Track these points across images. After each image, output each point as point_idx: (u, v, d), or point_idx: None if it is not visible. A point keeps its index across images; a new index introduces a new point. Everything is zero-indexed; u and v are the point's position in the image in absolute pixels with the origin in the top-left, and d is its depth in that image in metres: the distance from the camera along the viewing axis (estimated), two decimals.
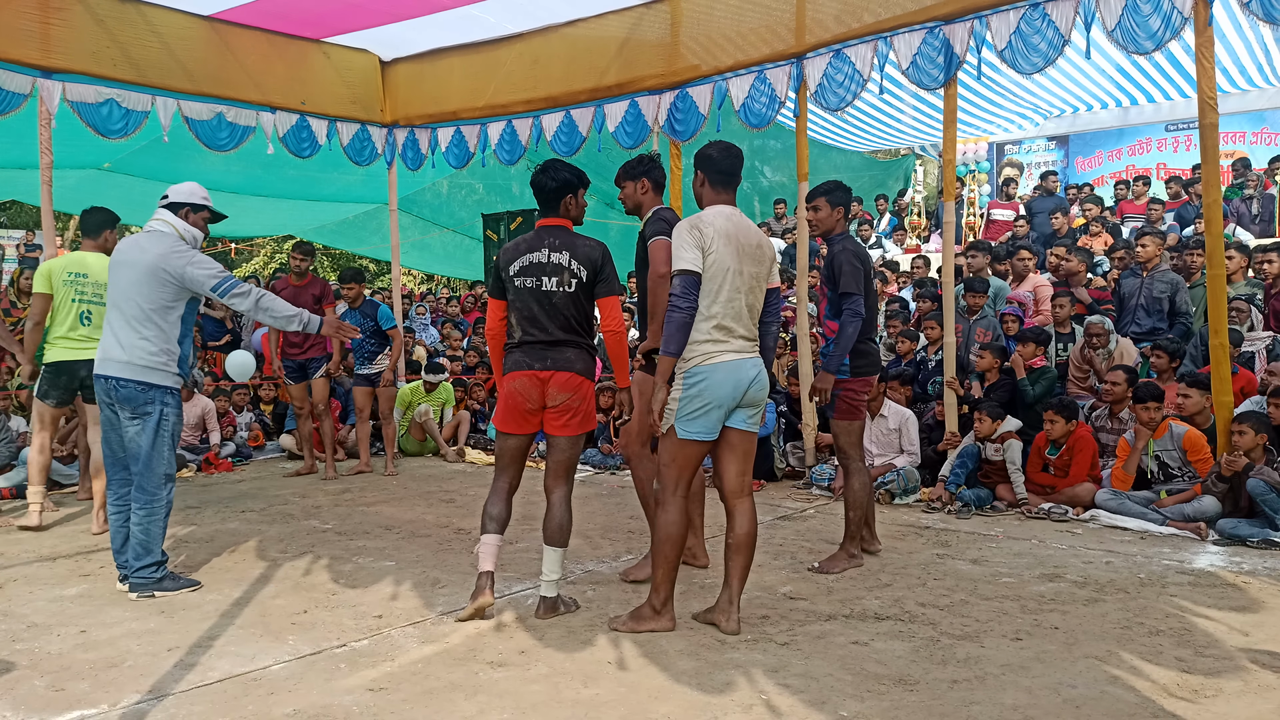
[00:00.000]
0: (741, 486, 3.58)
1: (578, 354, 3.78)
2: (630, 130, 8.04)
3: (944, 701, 2.91)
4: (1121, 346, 6.83)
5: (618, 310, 3.85)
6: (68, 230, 20.82)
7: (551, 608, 3.77)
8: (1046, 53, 6.05)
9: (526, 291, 3.74)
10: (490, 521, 3.80)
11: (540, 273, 3.73)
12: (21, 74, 7.04)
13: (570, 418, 3.78)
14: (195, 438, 8.26)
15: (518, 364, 3.77)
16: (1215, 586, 4.19)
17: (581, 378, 3.78)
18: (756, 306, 3.58)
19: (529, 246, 3.78)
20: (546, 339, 3.73)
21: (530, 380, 3.74)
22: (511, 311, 3.80)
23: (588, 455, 8.19)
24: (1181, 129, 13.23)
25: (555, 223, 3.83)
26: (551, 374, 3.73)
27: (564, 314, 3.74)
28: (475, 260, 14.85)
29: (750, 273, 3.52)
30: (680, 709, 2.87)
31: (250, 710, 2.91)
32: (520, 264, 3.75)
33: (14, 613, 3.96)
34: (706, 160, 3.66)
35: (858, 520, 4.62)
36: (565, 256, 3.74)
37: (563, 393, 3.74)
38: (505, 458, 3.88)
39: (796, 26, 6.91)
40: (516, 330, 3.79)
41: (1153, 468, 5.69)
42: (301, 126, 8.70)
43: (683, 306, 3.40)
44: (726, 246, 3.45)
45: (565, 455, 3.83)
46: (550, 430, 3.81)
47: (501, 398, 3.83)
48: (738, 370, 3.47)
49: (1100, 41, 6.08)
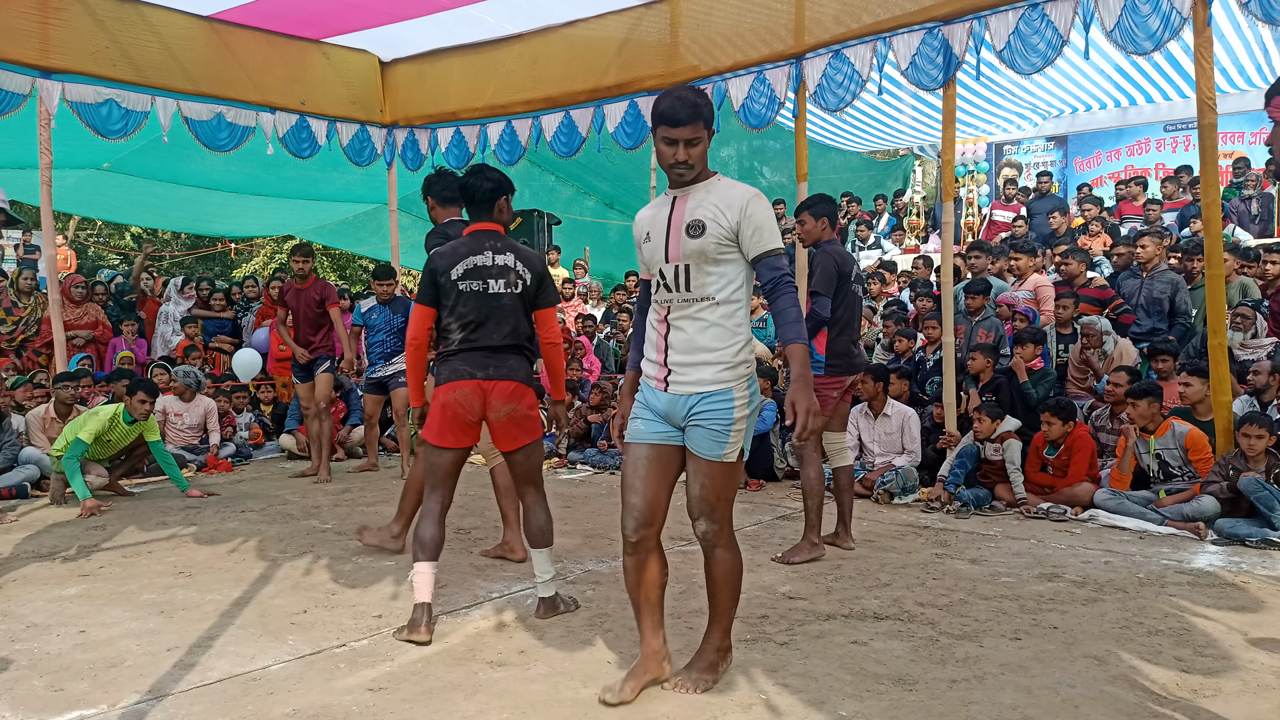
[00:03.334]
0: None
1: (520, 361, 3.67)
2: (630, 131, 8.05)
3: (943, 701, 2.91)
4: (1121, 347, 6.84)
5: (555, 322, 3.79)
6: (68, 229, 20.82)
7: (551, 607, 3.71)
8: (1045, 53, 6.06)
9: (471, 296, 3.59)
10: (422, 549, 3.56)
11: (486, 275, 3.60)
12: (21, 74, 7.05)
13: (519, 430, 3.66)
14: (195, 438, 8.26)
15: (457, 373, 3.59)
16: (1214, 586, 4.20)
17: (524, 386, 3.65)
18: None
19: (469, 250, 3.63)
20: (489, 345, 3.59)
21: (473, 390, 3.57)
22: (451, 318, 3.61)
23: (587, 455, 8.19)
24: (1180, 129, 13.23)
25: (489, 227, 3.73)
26: (494, 384, 3.58)
27: (511, 318, 3.63)
28: None
29: None
30: (680, 709, 2.87)
31: (250, 710, 2.91)
32: (464, 267, 3.60)
33: (13, 613, 3.96)
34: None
35: (815, 509, 4.72)
36: (510, 258, 3.65)
37: (506, 404, 3.60)
38: (439, 474, 3.65)
39: (795, 27, 6.91)
40: (456, 337, 3.61)
41: (1153, 467, 5.70)
42: (301, 127, 8.71)
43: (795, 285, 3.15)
44: None
45: (528, 463, 3.73)
46: (503, 447, 3.68)
47: (438, 409, 3.60)
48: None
49: (1099, 42, 6.09)
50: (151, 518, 5.99)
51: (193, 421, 8.22)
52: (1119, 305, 7.36)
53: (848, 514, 4.98)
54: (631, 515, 2.90)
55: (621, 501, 2.94)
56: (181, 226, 19.90)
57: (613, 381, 9.11)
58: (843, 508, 4.98)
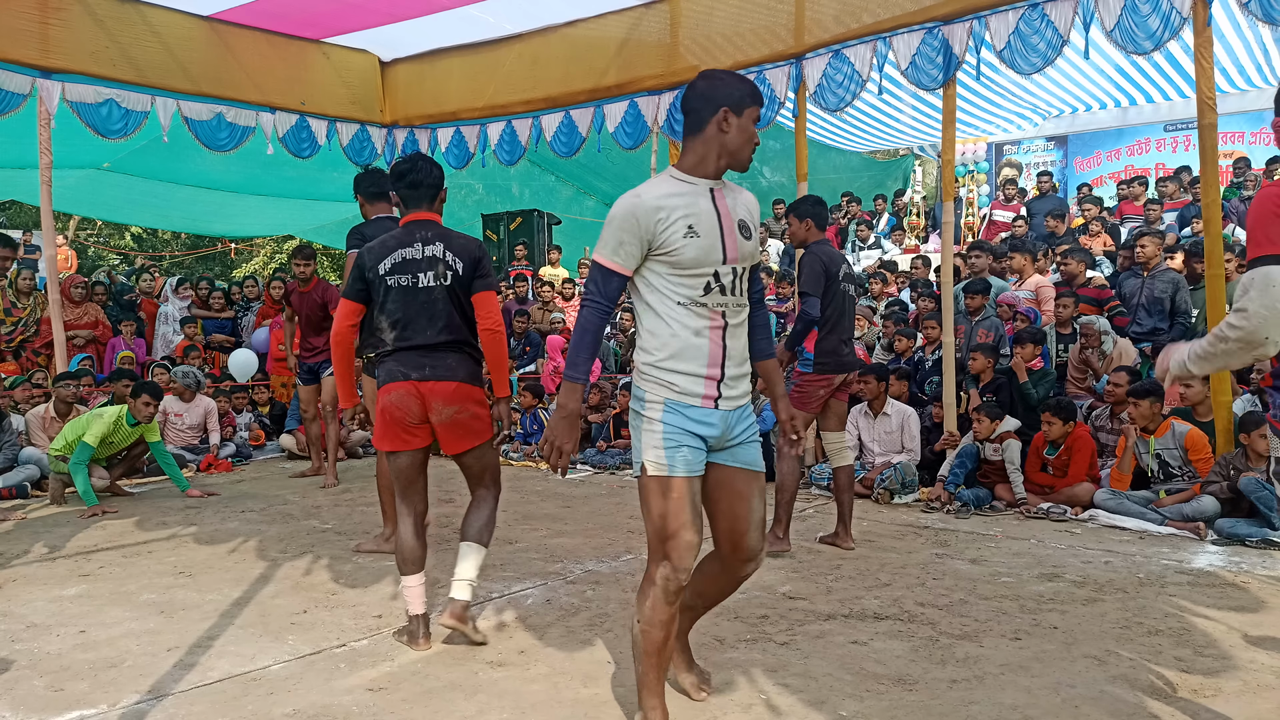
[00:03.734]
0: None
1: (460, 360, 3.41)
2: (630, 131, 8.05)
3: (943, 701, 2.91)
4: (1121, 347, 6.84)
5: (495, 306, 3.52)
6: (68, 229, 20.83)
7: (460, 614, 3.31)
8: (1045, 53, 6.06)
9: (400, 291, 3.36)
10: (405, 562, 3.43)
11: (415, 269, 3.37)
12: (21, 74, 7.06)
13: (465, 433, 3.41)
14: (195, 438, 8.26)
15: (392, 374, 3.37)
16: (1214, 586, 4.20)
17: (467, 385, 3.40)
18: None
19: (399, 243, 3.41)
20: (424, 343, 3.35)
21: (408, 391, 3.34)
22: (382, 316, 3.39)
23: (587, 455, 8.19)
24: (1180, 129, 13.24)
25: (425, 217, 3.49)
26: (432, 385, 3.34)
27: (443, 312, 3.37)
28: None
29: None
30: (680, 708, 2.87)
31: (250, 710, 2.91)
32: (392, 261, 3.37)
33: (13, 613, 3.96)
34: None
35: (784, 505, 4.79)
36: (439, 248, 3.40)
37: (448, 406, 3.35)
38: (402, 480, 3.44)
39: (795, 27, 6.91)
40: (388, 336, 3.38)
41: (1153, 466, 5.70)
42: (301, 127, 8.71)
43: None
44: None
45: (481, 464, 3.53)
46: (450, 451, 3.45)
47: (379, 411, 3.40)
48: None
49: (1099, 41, 6.09)
50: (151, 518, 5.99)
51: (193, 421, 8.22)
52: (1114, 306, 7.36)
53: (848, 514, 4.98)
54: (692, 554, 2.60)
55: (672, 540, 2.59)
56: (181, 226, 19.92)
57: (613, 381, 9.11)
58: (843, 507, 4.98)
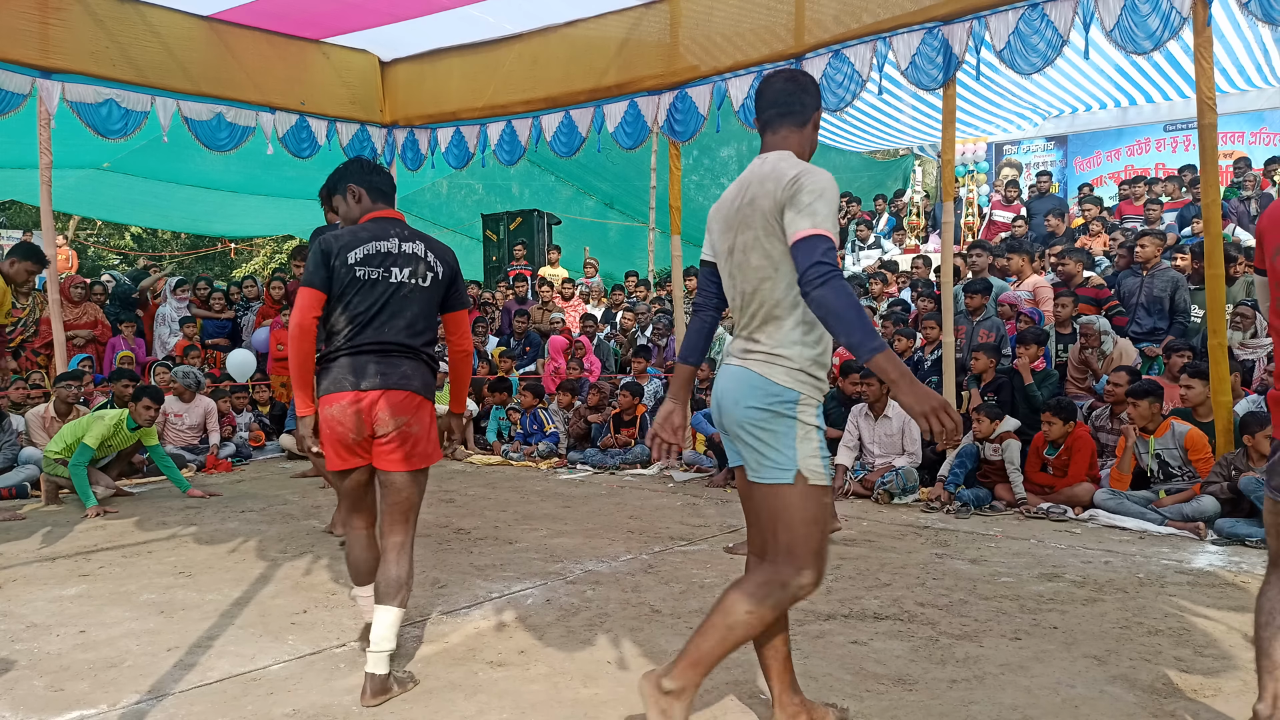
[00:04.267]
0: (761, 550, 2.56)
1: (416, 368, 3.09)
2: (630, 131, 8.04)
3: (943, 701, 2.91)
4: (1121, 346, 6.84)
5: (467, 327, 3.34)
6: (68, 229, 20.83)
7: (381, 688, 2.95)
8: (1045, 53, 6.06)
9: (368, 285, 3.05)
10: (356, 574, 3.25)
11: (390, 263, 3.09)
12: (21, 74, 7.06)
13: (409, 448, 3.05)
14: (195, 438, 8.26)
15: (337, 383, 3.03)
16: (1214, 586, 4.20)
17: (420, 398, 3.08)
18: (747, 288, 2.49)
19: (371, 235, 3.11)
20: (379, 346, 3.04)
21: (352, 404, 3.00)
22: (340, 310, 3.06)
23: (587, 455, 8.19)
24: (1180, 129, 13.24)
25: (395, 214, 3.27)
26: (381, 394, 3.01)
27: (411, 314, 3.10)
28: (475, 260, 14.87)
29: (735, 244, 2.52)
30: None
31: (250, 710, 2.91)
32: (364, 251, 3.07)
33: (13, 613, 3.96)
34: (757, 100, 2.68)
35: None
36: (420, 247, 3.15)
37: (396, 416, 3.02)
38: (350, 497, 3.19)
39: (795, 27, 6.91)
40: (342, 333, 3.05)
41: (1153, 467, 5.70)
42: (301, 127, 8.71)
43: (693, 304, 2.80)
44: (716, 221, 2.64)
45: (404, 494, 3.09)
46: (382, 465, 3.07)
47: (320, 426, 3.08)
48: (718, 383, 2.59)
49: (1099, 41, 6.09)
50: (151, 518, 5.99)
51: (193, 422, 8.22)
52: (1113, 306, 7.36)
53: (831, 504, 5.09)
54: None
55: (823, 552, 2.49)
56: (181, 226, 19.92)
57: (612, 382, 9.11)
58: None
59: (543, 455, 8.44)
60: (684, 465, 7.76)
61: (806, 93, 2.57)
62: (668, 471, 7.72)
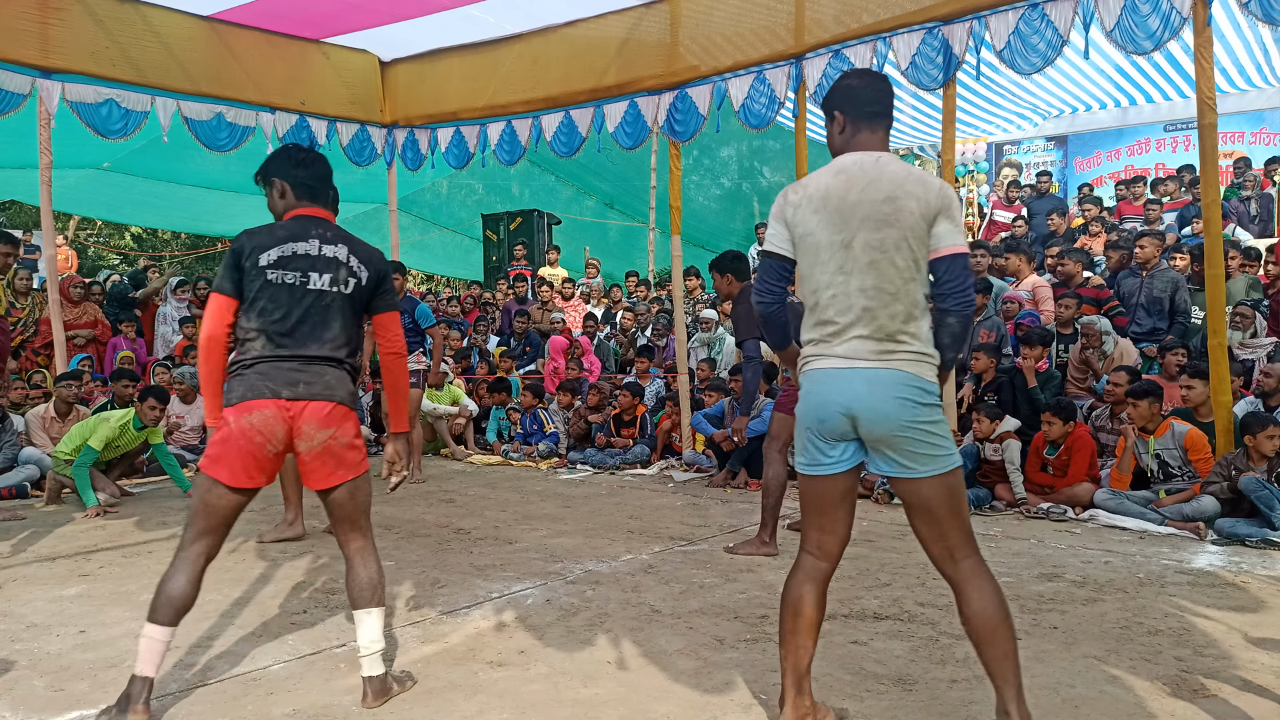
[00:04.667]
0: (951, 550, 2.52)
1: (339, 377, 2.93)
2: (630, 131, 8.04)
3: (943, 701, 2.91)
4: (1121, 347, 6.84)
5: (398, 329, 3.13)
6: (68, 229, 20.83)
7: (382, 689, 2.91)
8: (1045, 53, 6.06)
9: (284, 290, 2.87)
10: (167, 608, 2.77)
11: (308, 267, 2.90)
12: (21, 74, 7.06)
13: (337, 464, 2.89)
14: (197, 438, 8.26)
15: (256, 390, 2.81)
16: (1214, 586, 4.20)
17: (345, 408, 2.91)
18: (890, 287, 2.46)
19: (290, 235, 2.93)
20: (301, 355, 2.86)
21: (277, 413, 2.80)
22: (254, 316, 2.86)
23: (587, 455, 8.19)
24: (1180, 129, 13.22)
25: (320, 213, 3.06)
26: (305, 404, 2.82)
27: (333, 322, 2.92)
28: (475, 260, 14.88)
29: (869, 241, 2.46)
30: (680, 709, 2.87)
31: (250, 710, 2.91)
32: (278, 253, 2.88)
33: (13, 613, 3.96)
34: (846, 94, 2.62)
35: (770, 509, 4.88)
36: (342, 250, 2.96)
37: (322, 430, 2.85)
38: (215, 517, 2.84)
39: (795, 27, 6.91)
40: (257, 342, 2.86)
41: (1153, 467, 5.70)
42: (301, 127, 8.71)
43: (761, 300, 2.67)
44: (819, 212, 2.51)
45: (353, 503, 2.95)
46: (318, 485, 2.91)
47: (226, 436, 2.81)
48: (829, 384, 2.49)
49: (1099, 41, 6.09)
50: (151, 518, 5.99)
51: (195, 423, 8.21)
52: (1113, 306, 7.36)
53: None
54: None
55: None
56: (181, 226, 19.93)
57: (612, 382, 9.11)
58: None
59: (543, 455, 8.44)
60: (684, 465, 7.76)
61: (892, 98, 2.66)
62: (668, 472, 7.72)
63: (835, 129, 2.67)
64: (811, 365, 2.55)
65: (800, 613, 2.57)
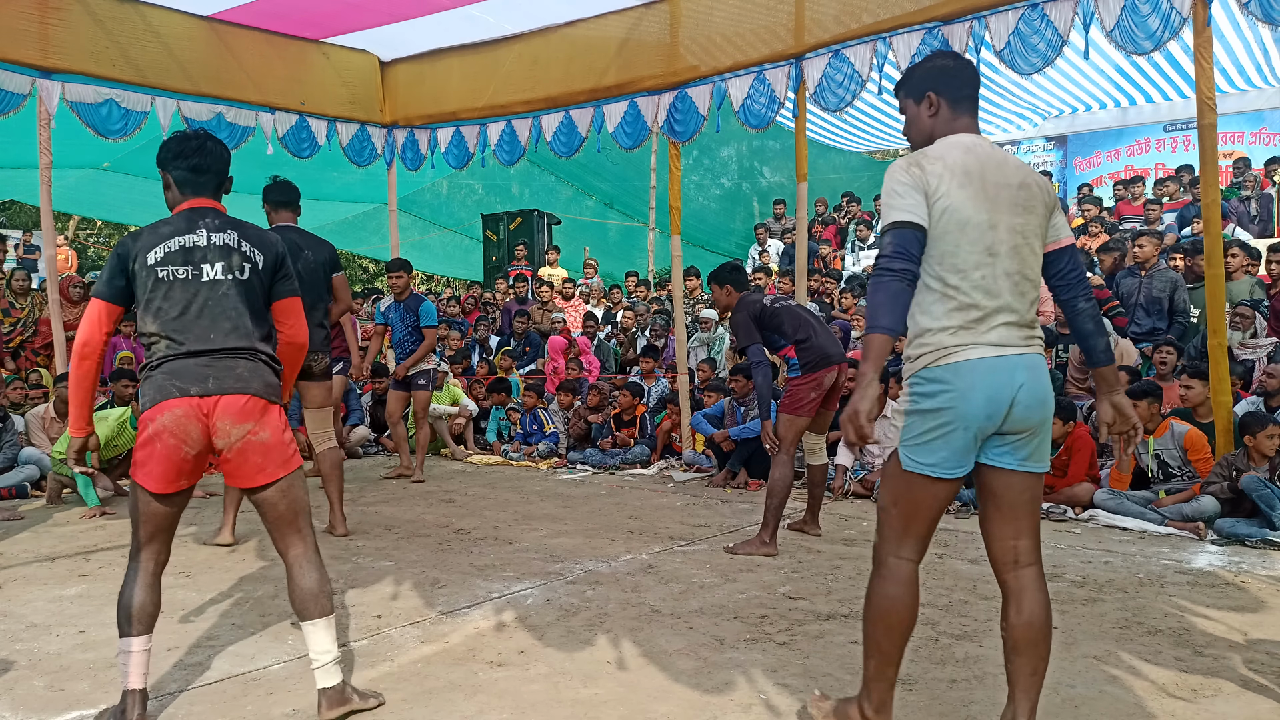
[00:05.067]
0: (1018, 554, 2.45)
1: (253, 368, 2.78)
2: (629, 131, 8.04)
3: (943, 701, 2.91)
4: (1121, 347, 6.84)
5: (301, 316, 3.01)
6: (68, 229, 20.83)
7: (339, 699, 2.78)
8: (1045, 53, 6.06)
9: (177, 285, 2.74)
10: (133, 620, 2.70)
11: (199, 259, 2.77)
12: (21, 74, 7.06)
13: (261, 460, 2.74)
14: None
15: (164, 390, 2.68)
16: (1214, 586, 4.20)
17: (262, 400, 2.77)
18: (1030, 274, 2.41)
19: (175, 230, 2.79)
20: (207, 349, 2.72)
21: (188, 412, 2.67)
22: (151, 318, 2.75)
23: (587, 455, 8.19)
24: (1180, 129, 13.23)
25: (206, 203, 2.89)
26: (217, 400, 2.69)
27: (234, 311, 2.78)
28: (475, 260, 14.88)
29: (1013, 225, 2.38)
30: (679, 709, 2.87)
31: (250, 710, 2.91)
32: (164, 249, 2.75)
33: (13, 613, 3.96)
34: (941, 74, 2.52)
35: (773, 510, 4.88)
36: (233, 236, 2.83)
37: (239, 424, 2.71)
38: (151, 524, 2.73)
39: (795, 27, 6.91)
40: (160, 343, 2.74)
41: (1153, 467, 5.70)
42: (301, 127, 8.71)
43: (895, 268, 2.31)
44: (964, 188, 2.35)
45: (287, 502, 2.80)
46: (246, 484, 2.78)
47: (145, 441, 2.69)
48: (996, 373, 2.32)
49: (1099, 42, 6.09)
50: None
51: None
52: (1114, 306, 7.36)
53: (817, 506, 5.35)
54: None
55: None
56: None
57: (612, 382, 9.11)
58: (813, 500, 5.34)
59: (543, 455, 8.44)
60: (684, 465, 7.76)
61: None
62: (667, 472, 7.72)
63: (925, 111, 2.53)
64: (960, 355, 2.32)
65: (913, 622, 2.47)
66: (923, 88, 2.52)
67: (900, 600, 2.42)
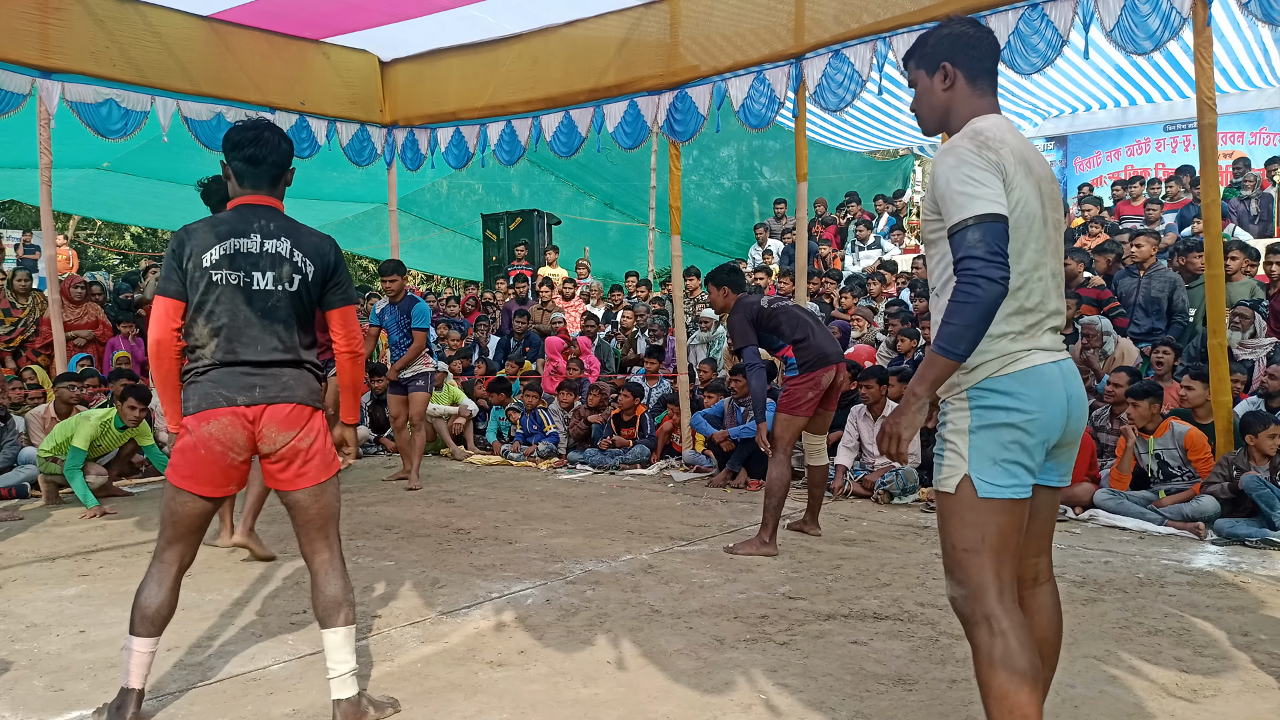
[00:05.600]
0: (1038, 572, 2.27)
1: (298, 377, 2.81)
2: (629, 131, 8.04)
3: (943, 701, 2.91)
4: (1122, 347, 6.84)
5: (356, 325, 2.96)
6: (68, 229, 20.83)
7: (354, 712, 2.74)
8: (1045, 53, 6.06)
9: (229, 290, 2.73)
10: (145, 620, 2.71)
11: (251, 266, 2.75)
12: (21, 74, 7.06)
13: (303, 465, 2.77)
14: None
15: (211, 399, 2.70)
16: (1214, 586, 4.20)
17: (309, 408, 2.80)
18: (1061, 273, 2.20)
19: (231, 230, 2.76)
20: (255, 359, 2.73)
21: (234, 420, 2.70)
22: (201, 320, 2.73)
23: (587, 455, 8.19)
24: (1180, 129, 13.24)
25: (265, 201, 2.84)
26: (264, 409, 2.72)
27: (283, 324, 2.78)
28: (475, 260, 14.88)
29: (1054, 220, 2.16)
30: (679, 709, 2.87)
31: (250, 710, 2.91)
32: (220, 252, 2.73)
33: (13, 613, 3.96)
34: (959, 42, 2.21)
35: (772, 510, 4.88)
36: (285, 245, 2.79)
37: (284, 432, 2.74)
38: (183, 525, 2.76)
39: (795, 27, 6.91)
40: (207, 348, 2.73)
41: (1153, 467, 5.70)
42: (301, 127, 8.71)
43: (993, 276, 1.96)
44: (1028, 178, 2.09)
45: (318, 507, 2.81)
46: (283, 487, 2.80)
47: (188, 445, 2.72)
48: (1058, 381, 2.10)
49: (1099, 42, 6.09)
50: (151, 518, 5.99)
51: None
52: (1114, 307, 7.36)
53: (817, 506, 5.35)
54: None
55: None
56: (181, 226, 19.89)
57: (612, 382, 9.11)
58: (813, 500, 5.34)
59: (543, 455, 8.44)
60: (684, 465, 7.76)
61: None
62: (667, 472, 7.72)
63: (940, 84, 2.24)
64: (1026, 362, 2.06)
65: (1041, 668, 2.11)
66: (937, 57, 2.23)
67: (1036, 665, 2.03)
